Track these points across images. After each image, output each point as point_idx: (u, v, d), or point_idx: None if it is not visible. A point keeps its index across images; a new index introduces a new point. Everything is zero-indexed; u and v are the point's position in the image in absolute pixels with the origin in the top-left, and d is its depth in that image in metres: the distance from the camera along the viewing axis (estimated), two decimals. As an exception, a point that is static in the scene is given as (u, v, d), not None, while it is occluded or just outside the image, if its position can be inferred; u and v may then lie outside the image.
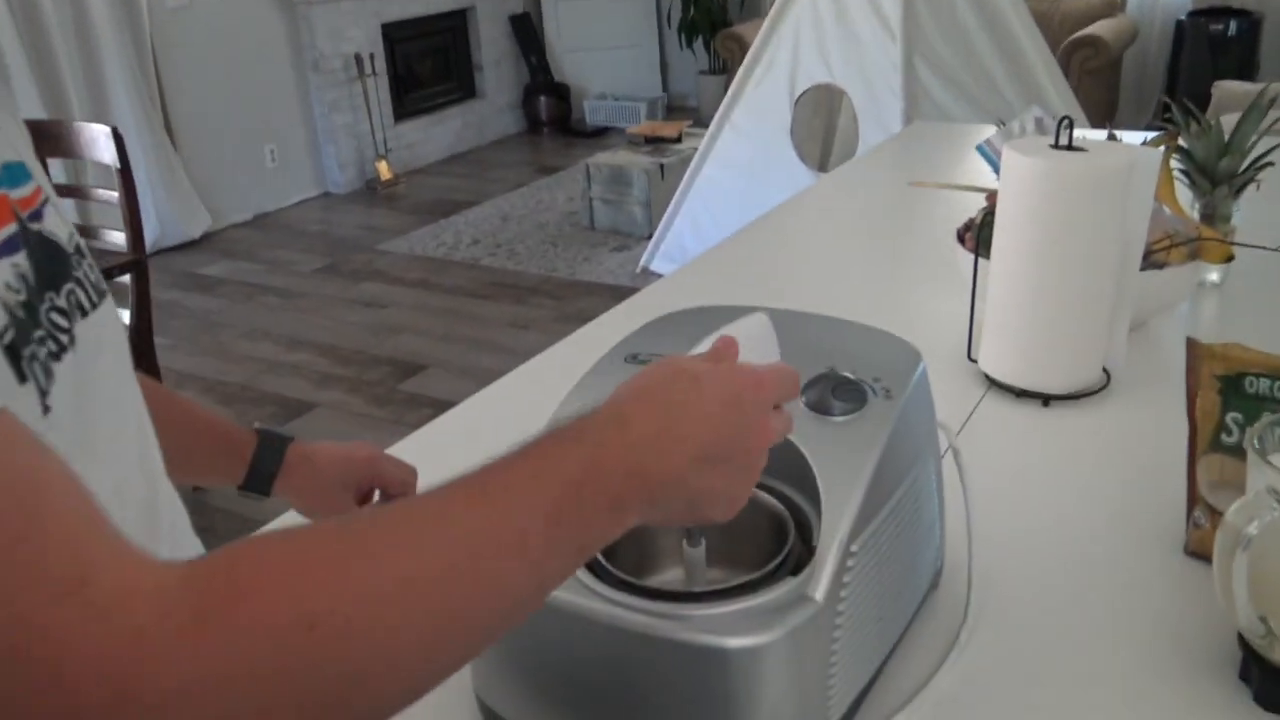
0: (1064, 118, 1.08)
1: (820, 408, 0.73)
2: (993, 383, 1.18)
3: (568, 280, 4.27)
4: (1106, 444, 1.09)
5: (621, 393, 0.55)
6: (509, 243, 4.75)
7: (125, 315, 2.52)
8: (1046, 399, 1.14)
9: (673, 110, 6.93)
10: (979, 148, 1.32)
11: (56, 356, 0.46)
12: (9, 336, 0.43)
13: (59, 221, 0.52)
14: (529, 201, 5.38)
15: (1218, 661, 0.76)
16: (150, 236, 4.69)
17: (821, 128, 4.15)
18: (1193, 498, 0.87)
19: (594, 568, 0.67)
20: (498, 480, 0.48)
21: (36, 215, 0.49)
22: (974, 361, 1.22)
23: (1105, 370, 1.18)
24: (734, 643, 0.62)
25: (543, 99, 6.83)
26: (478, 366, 3.50)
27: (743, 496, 0.57)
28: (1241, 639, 0.72)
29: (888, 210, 1.90)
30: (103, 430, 0.50)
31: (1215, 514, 0.83)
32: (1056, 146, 1.08)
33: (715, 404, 0.54)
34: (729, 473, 0.55)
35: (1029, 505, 0.99)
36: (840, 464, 0.69)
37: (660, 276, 4.11)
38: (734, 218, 4.10)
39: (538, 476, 0.49)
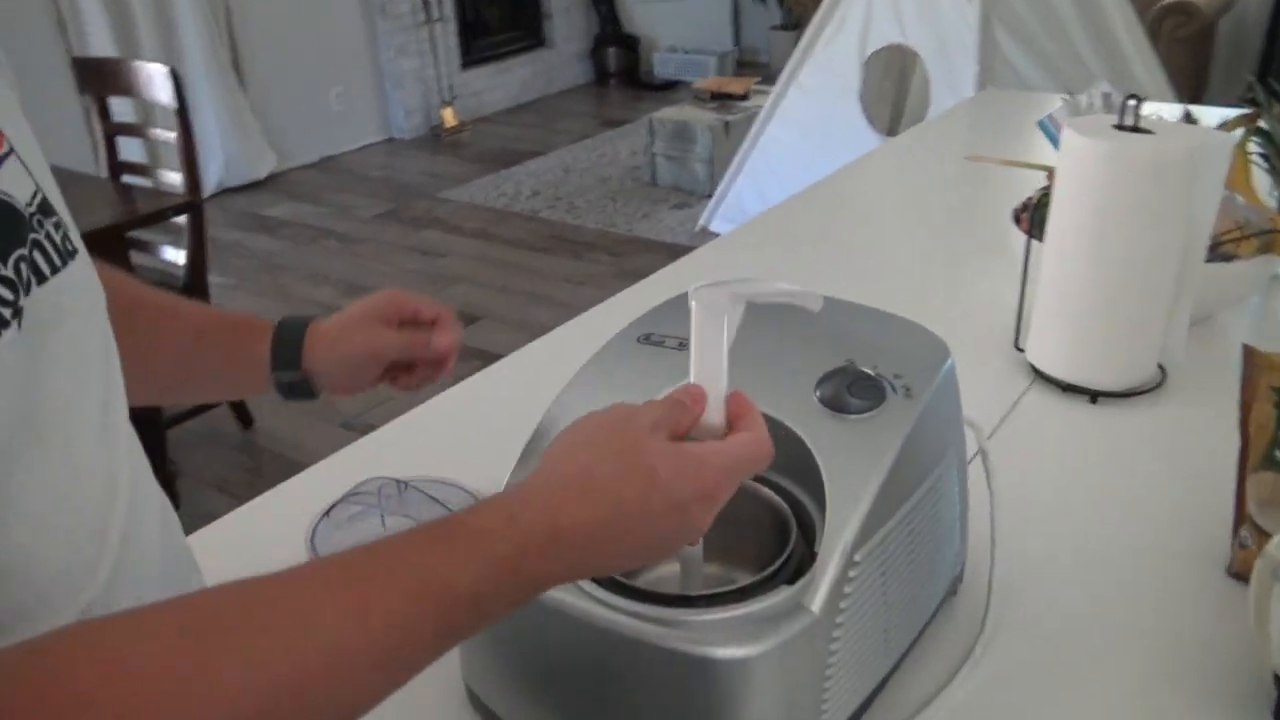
0: (1129, 96, 1.00)
1: (834, 404, 0.69)
2: (1038, 374, 1.12)
3: (626, 236, 4.22)
4: (1156, 447, 1.03)
5: (565, 470, 0.50)
6: (569, 196, 4.72)
7: (181, 256, 2.53)
8: (1094, 395, 1.08)
9: (743, 65, 6.79)
10: (1041, 123, 1.24)
11: None
12: None
13: (19, 178, 0.49)
14: (592, 154, 5.33)
15: (1250, 696, 0.70)
16: (215, 176, 4.76)
17: (892, 90, 4.04)
18: (1240, 516, 0.81)
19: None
20: (384, 589, 0.43)
21: None
22: (1021, 351, 1.16)
23: (1160, 367, 1.11)
24: (721, 653, 0.58)
25: (611, 50, 6.74)
26: (533, 320, 3.48)
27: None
28: (1277, 678, 0.67)
29: (947, 182, 1.83)
30: (56, 405, 0.47)
31: (1263, 535, 0.77)
32: (1120, 127, 1.01)
33: (663, 514, 0.50)
34: (645, 559, 0.54)
35: (1066, 508, 0.94)
36: (850, 466, 0.65)
37: (719, 236, 4.08)
38: (797, 179, 3.99)
39: (431, 589, 0.44)
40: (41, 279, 0.48)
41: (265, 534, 0.94)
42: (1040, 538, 0.89)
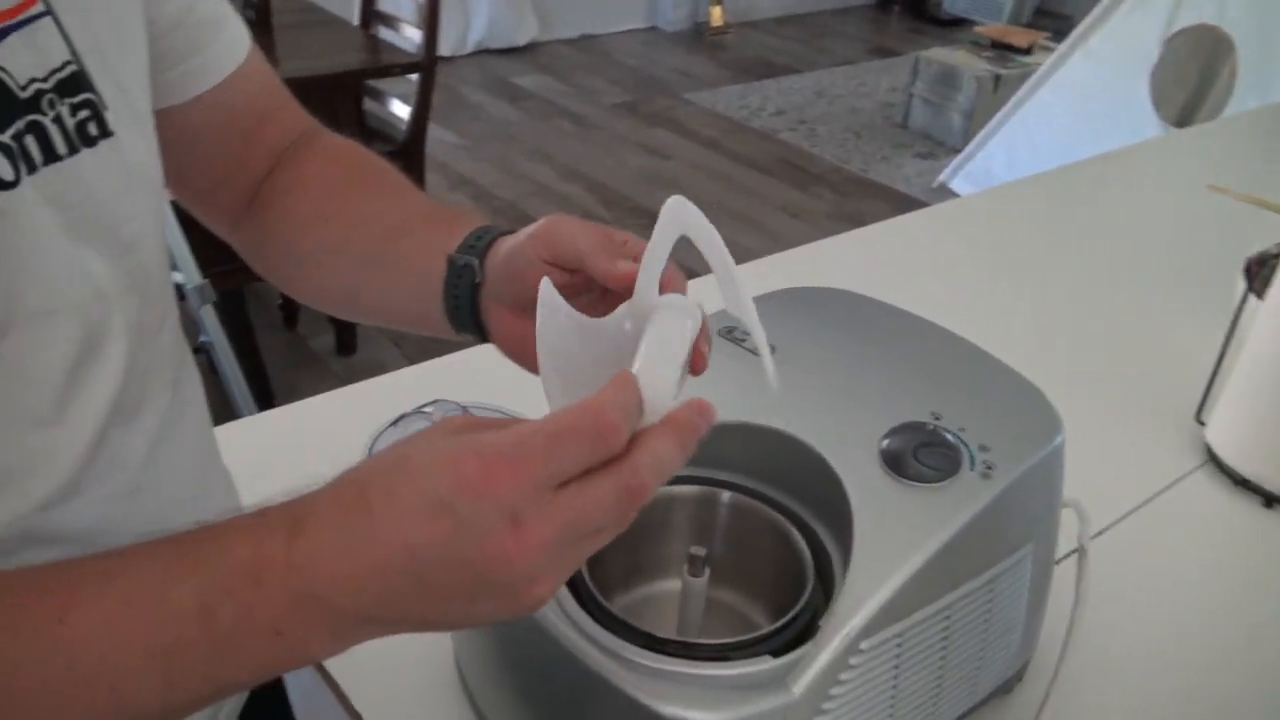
0: None
1: (895, 464, 0.60)
2: (1212, 457, 0.97)
3: (857, 176, 4.03)
4: (1326, 579, 0.86)
5: (335, 482, 0.41)
6: (812, 121, 4.54)
7: (407, 111, 2.59)
8: (1271, 499, 0.92)
9: (1042, 15, 6.25)
10: (1306, 167, 1.04)
11: None
12: None
13: (43, 47, 0.46)
14: (849, 82, 5.09)
15: None
16: (476, 35, 4.86)
17: (1193, 76, 3.60)
18: (1385, 704, 0.67)
19: (574, 580, 0.59)
20: (93, 595, 0.37)
21: None
22: (1201, 424, 1.00)
23: (1367, 486, 0.93)
24: (669, 711, 0.52)
25: (901, -27, 6.37)
26: (735, 244, 3.35)
27: (500, 619, 0.40)
28: None
29: (1192, 204, 1.60)
30: (22, 297, 0.45)
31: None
32: (1391, 198, 0.83)
33: (418, 511, 0.37)
34: (461, 604, 0.39)
35: (1184, 625, 0.81)
36: (888, 541, 0.57)
37: (957, 197, 3.83)
38: (1055, 155, 3.68)
39: (146, 595, 0.37)
40: (32, 167, 0.46)
41: (339, 428, 0.94)
42: (1138, 651, 0.77)
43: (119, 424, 0.51)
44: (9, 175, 0.44)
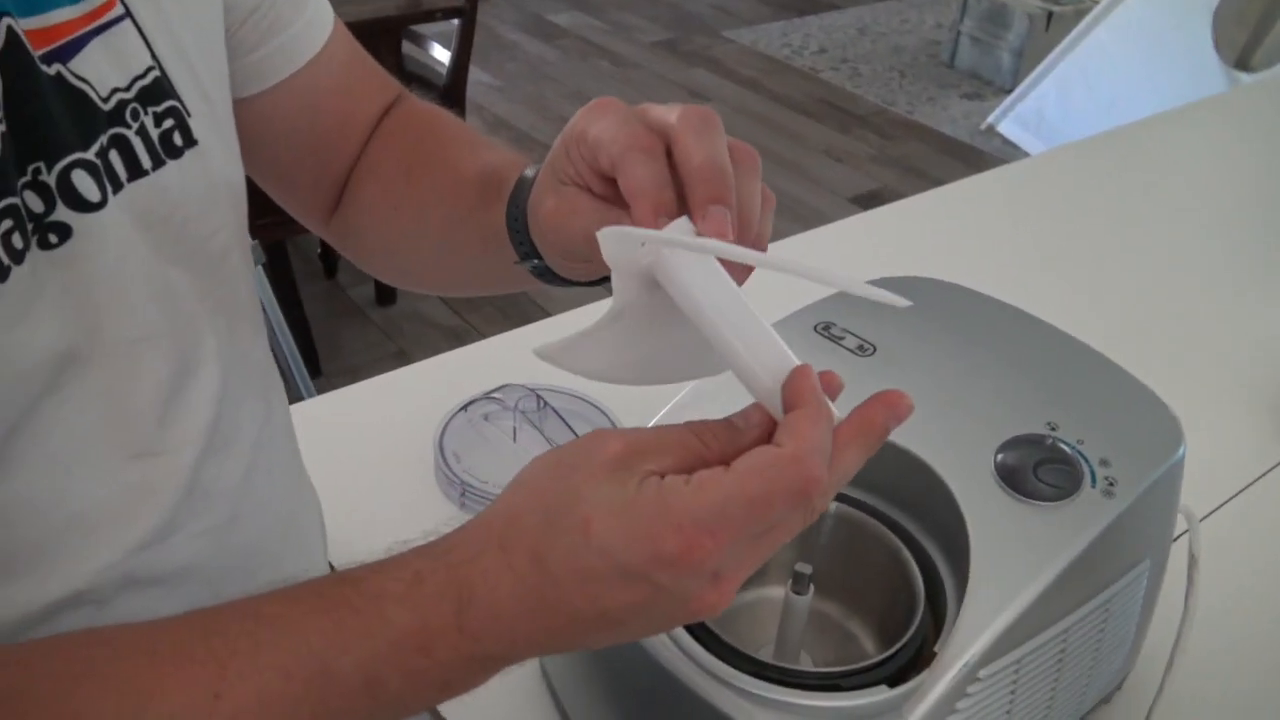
0: None
1: (1012, 480, 0.57)
2: (1310, 444, 0.93)
3: (902, 118, 3.93)
4: None
5: (494, 515, 0.38)
6: (855, 60, 4.42)
7: (447, 56, 2.53)
8: (1373, 490, 0.89)
9: (1092, -54, 6.04)
10: None
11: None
12: None
13: (126, 52, 0.43)
14: (894, 18, 4.94)
15: None
16: (512, -28, 4.74)
17: (1255, 14, 3.46)
18: None
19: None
20: (246, 667, 0.35)
21: (66, 50, 0.40)
22: (1297, 408, 0.96)
23: None
24: (781, 744, 0.50)
25: (948, -97, 6.14)
26: (778, 190, 3.30)
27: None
28: None
29: None
30: (105, 330, 0.42)
31: None
32: None
33: (608, 581, 0.35)
34: (646, 633, 0.40)
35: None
36: (1007, 564, 0.54)
37: (1005, 140, 3.73)
38: (1111, 97, 3.56)
39: (305, 670, 0.35)
40: (118, 185, 0.42)
41: (405, 411, 0.92)
42: (1242, 648, 0.74)
43: (215, 452, 0.49)
44: (95, 196, 0.41)
